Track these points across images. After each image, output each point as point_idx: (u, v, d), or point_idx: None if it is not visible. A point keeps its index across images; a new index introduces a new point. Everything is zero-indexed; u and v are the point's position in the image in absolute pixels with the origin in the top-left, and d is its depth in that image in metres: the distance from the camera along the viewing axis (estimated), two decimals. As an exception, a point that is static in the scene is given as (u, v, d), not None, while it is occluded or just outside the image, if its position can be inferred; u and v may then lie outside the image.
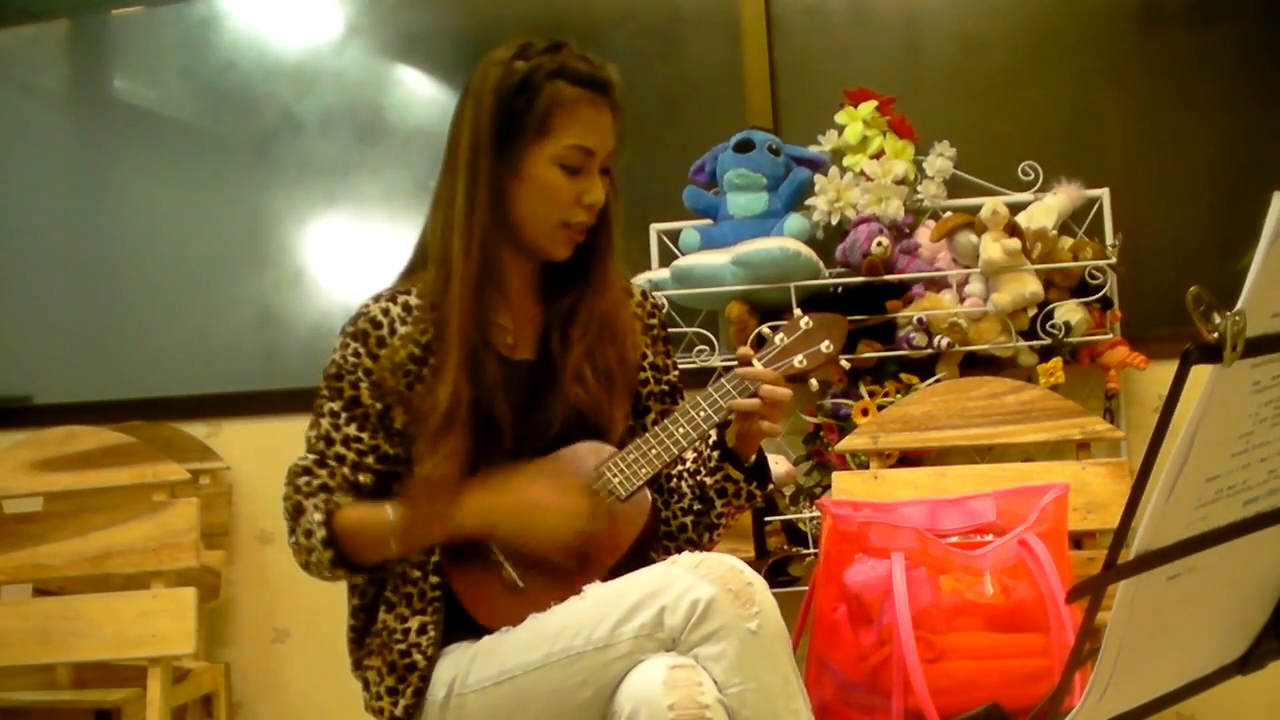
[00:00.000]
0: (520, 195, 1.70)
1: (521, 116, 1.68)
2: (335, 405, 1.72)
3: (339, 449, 1.71)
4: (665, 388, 1.85)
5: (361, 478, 1.71)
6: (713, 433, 1.76)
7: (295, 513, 1.70)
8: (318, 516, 1.66)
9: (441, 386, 1.66)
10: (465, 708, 1.61)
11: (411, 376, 1.70)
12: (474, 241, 1.70)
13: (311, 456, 1.72)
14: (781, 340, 1.75)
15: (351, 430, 1.71)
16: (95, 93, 3.54)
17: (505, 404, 1.68)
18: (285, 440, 2.00)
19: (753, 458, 1.77)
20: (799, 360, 1.74)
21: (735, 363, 1.78)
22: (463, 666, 1.62)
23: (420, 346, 1.71)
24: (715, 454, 1.76)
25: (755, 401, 1.68)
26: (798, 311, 1.80)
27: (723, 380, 1.71)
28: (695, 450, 1.80)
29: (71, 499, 2.58)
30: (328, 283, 3.27)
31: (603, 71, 1.71)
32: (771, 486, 1.87)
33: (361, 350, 1.72)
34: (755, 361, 1.72)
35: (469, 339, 1.68)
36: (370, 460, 1.71)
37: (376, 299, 1.77)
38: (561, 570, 1.65)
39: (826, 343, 1.74)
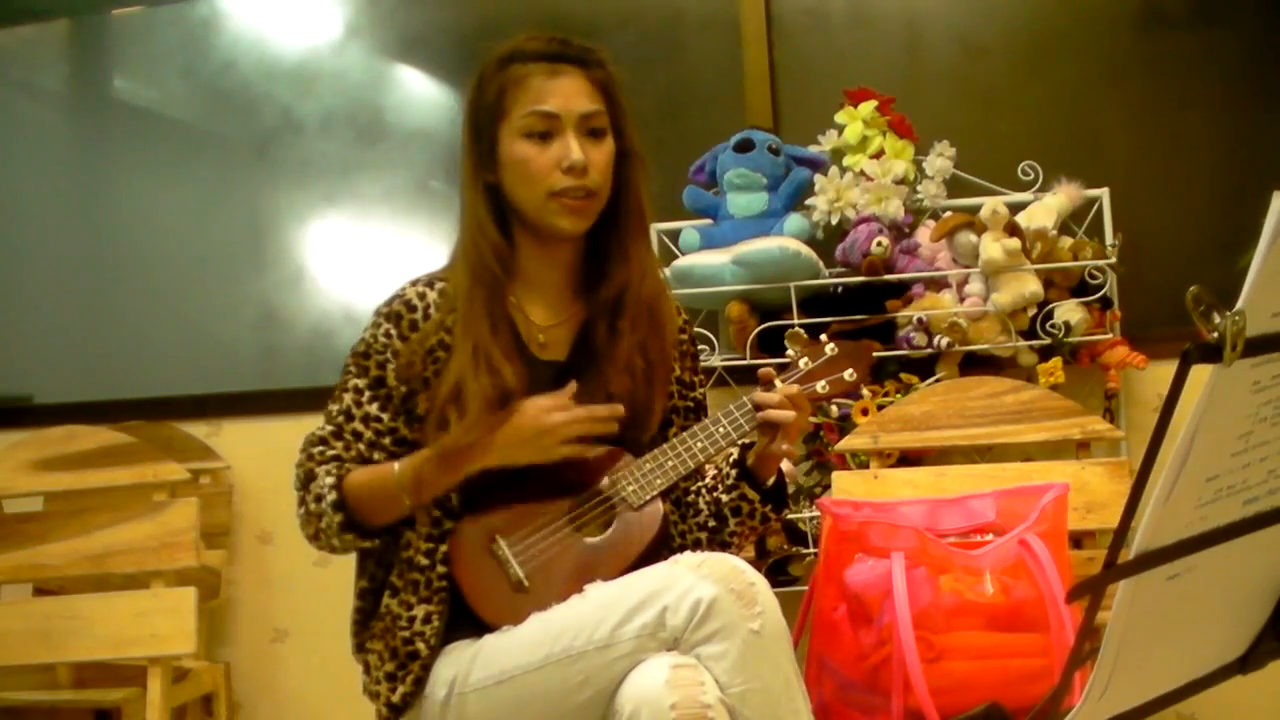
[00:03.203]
0: (506, 181, 1.72)
1: (484, 109, 1.71)
2: (360, 382, 1.72)
3: (357, 425, 1.71)
4: (690, 404, 1.85)
5: (376, 456, 1.71)
6: (734, 451, 1.76)
7: (306, 480, 1.71)
8: (329, 480, 1.67)
9: (450, 373, 1.67)
10: (466, 707, 1.61)
11: (440, 363, 1.70)
12: (470, 238, 1.72)
13: (329, 428, 1.72)
14: (806, 365, 1.76)
15: (373, 409, 1.71)
16: (95, 93, 3.54)
17: (521, 394, 1.68)
18: (285, 440, 2.00)
19: (771, 480, 1.77)
20: (821, 386, 1.75)
21: (735, 362, 1.79)
22: (463, 666, 1.62)
23: (449, 333, 1.72)
24: (733, 472, 1.76)
25: (779, 413, 1.68)
26: (823, 337, 1.81)
27: (745, 399, 1.72)
28: (715, 466, 1.80)
29: (71, 499, 2.58)
30: (328, 283, 3.27)
31: (556, 43, 1.72)
32: (787, 512, 1.87)
33: (393, 331, 1.73)
34: (778, 383, 1.72)
35: (474, 334, 1.68)
36: (387, 441, 1.72)
37: (414, 283, 1.78)
38: (566, 570, 1.65)
39: (850, 371, 1.75)
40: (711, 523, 1.79)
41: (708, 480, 1.81)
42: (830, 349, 1.77)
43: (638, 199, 1.76)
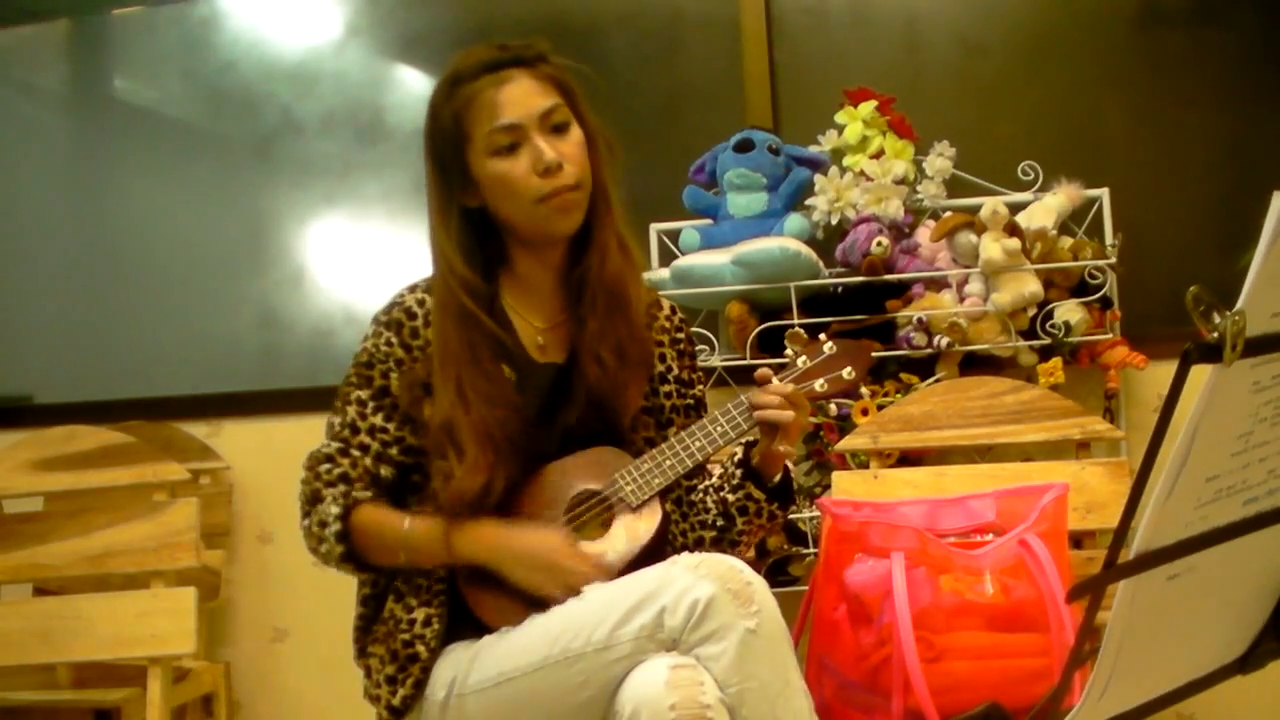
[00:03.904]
0: (490, 201, 1.71)
1: (444, 138, 1.71)
2: (363, 394, 1.72)
3: (363, 438, 1.71)
4: (690, 402, 1.85)
5: (383, 470, 1.71)
6: (739, 449, 1.76)
7: (312, 499, 1.70)
8: (335, 510, 1.66)
9: (437, 411, 1.67)
10: (465, 709, 1.61)
11: None
12: (439, 275, 1.72)
13: (335, 444, 1.71)
14: (804, 363, 1.76)
15: (378, 420, 1.71)
16: (95, 93, 3.54)
17: (515, 417, 1.68)
18: (285, 440, 2.01)
19: (777, 478, 1.76)
20: (820, 384, 1.74)
21: (735, 362, 1.78)
22: (462, 667, 1.62)
23: None
24: (739, 471, 1.76)
25: (777, 413, 1.67)
26: (822, 336, 1.80)
27: (743, 398, 1.72)
28: (721, 465, 1.80)
29: (71, 499, 2.58)
30: (328, 283, 3.27)
31: (495, 51, 1.70)
32: (794, 508, 1.86)
33: (394, 340, 1.72)
34: (775, 381, 1.72)
35: (455, 368, 1.67)
36: (394, 451, 1.71)
37: (412, 289, 1.77)
38: None
39: (849, 369, 1.75)
40: (719, 522, 1.78)
41: (714, 480, 1.80)
42: (829, 348, 1.76)
43: (602, 183, 1.74)
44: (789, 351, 1.78)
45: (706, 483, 1.81)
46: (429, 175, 1.74)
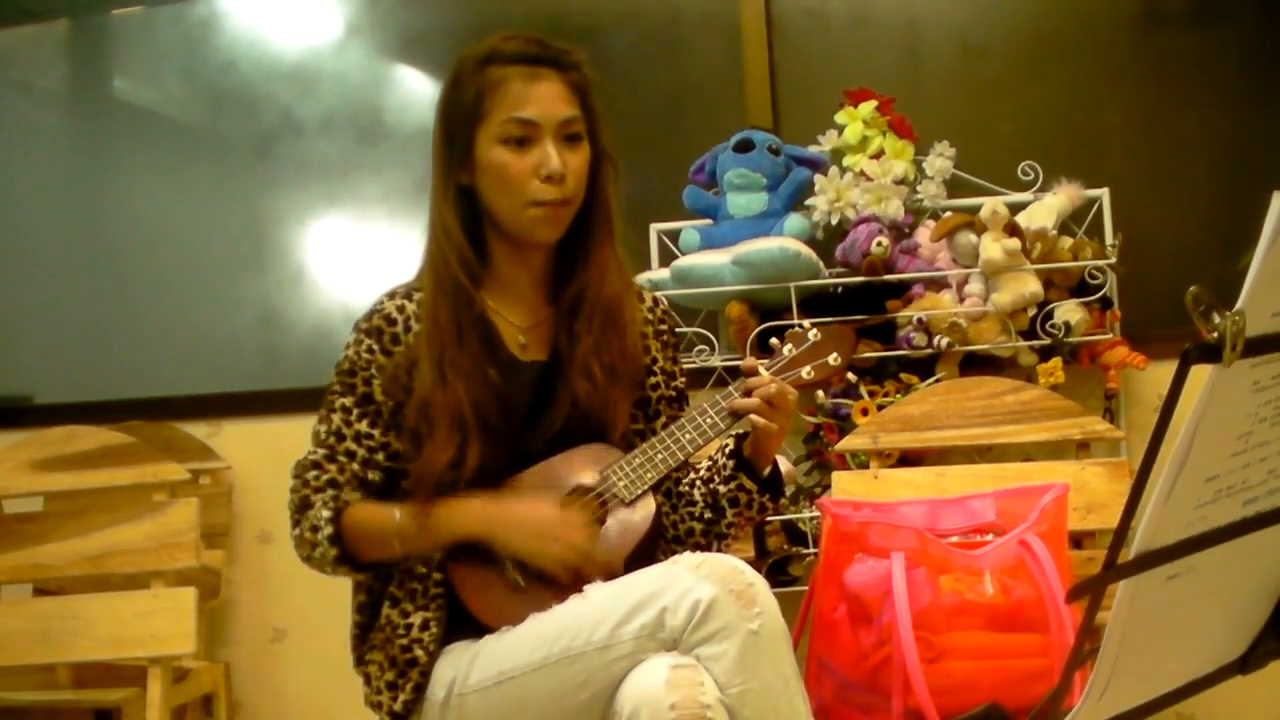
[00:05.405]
0: (482, 185, 1.71)
1: (461, 110, 1.70)
2: (347, 401, 1.72)
3: (349, 445, 1.71)
4: (673, 393, 1.85)
5: (370, 474, 1.71)
6: (730, 441, 1.76)
7: (302, 506, 1.70)
8: (326, 513, 1.66)
9: (416, 388, 1.67)
10: (465, 708, 1.61)
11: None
12: (436, 244, 1.72)
13: (321, 451, 1.71)
14: (790, 351, 1.76)
15: (363, 426, 1.71)
16: (95, 93, 3.54)
17: (496, 406, 1.68)
18: (286, 440, 2.00)
19: (767, 470, 1.77)
20: (807, 371, 1.75)
21: (735, 362, 1.77)
22: (463, 667, 1.62)
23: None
24: (730, 463, 1.76)
25: (755, 401, 1.68)
26: (806, 323, 1.80)
27: (731, 389, 1.72)
28: (710, 458, 1.80)
29: (71, 499, 2.58)
30: (328, 283, 3.27)
31: (534, 44, 1.71)
32: (784, 500, 1.87)
33: (375, 347, 1.72)
34: (762, 371, 1.72)
35: (438, 343, 1.68)
36: (380, 457, 1.71)
37: (391, 295, 1.77)
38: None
39: (834, 355, 1.75)
40: (708, 514, 1.78)
41: (702, 472, 1.81)
42: (813, 335, 1.77)
43: (605, 204, 1.75)
44: (774, 341, 1.78)
45: (693, 475, 1.82)
46: (435, 144, 1.74)
